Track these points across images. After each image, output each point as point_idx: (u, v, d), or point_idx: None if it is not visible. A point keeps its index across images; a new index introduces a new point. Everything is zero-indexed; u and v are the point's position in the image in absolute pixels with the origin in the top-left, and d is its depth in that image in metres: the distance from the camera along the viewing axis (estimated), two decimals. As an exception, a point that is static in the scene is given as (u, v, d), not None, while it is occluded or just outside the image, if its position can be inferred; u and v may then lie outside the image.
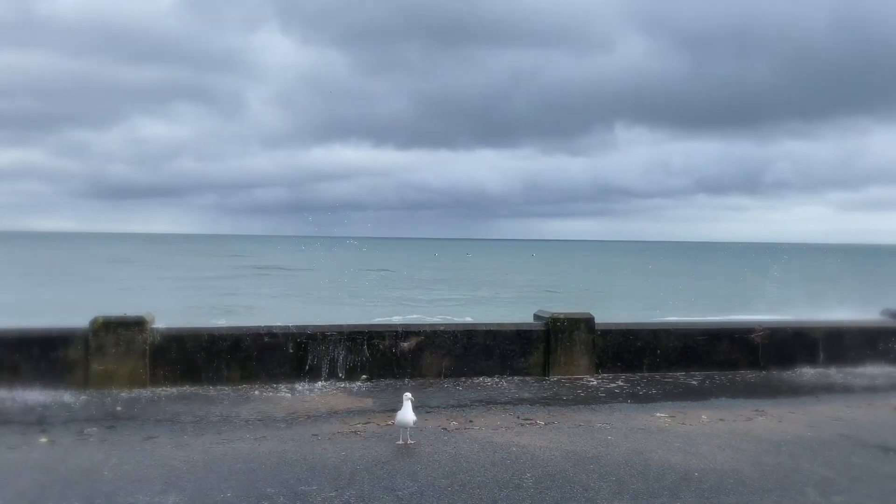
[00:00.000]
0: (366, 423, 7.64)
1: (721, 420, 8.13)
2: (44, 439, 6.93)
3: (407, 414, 6.93)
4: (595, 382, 10.15)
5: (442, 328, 10.52)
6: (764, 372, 11.14)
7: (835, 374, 11.12)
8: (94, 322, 9.15)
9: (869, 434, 7.57)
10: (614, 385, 10.05)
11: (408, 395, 7.09)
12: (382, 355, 10.06)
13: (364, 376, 9.88)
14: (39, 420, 7.61)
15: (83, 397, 8.61)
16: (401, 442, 6.95)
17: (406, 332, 10.25)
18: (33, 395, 8.56)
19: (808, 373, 11.15)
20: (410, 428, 6.99)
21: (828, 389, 10.05)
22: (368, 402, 8.66)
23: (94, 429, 7.31)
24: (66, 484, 5.73)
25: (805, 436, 7.48)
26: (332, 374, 9.81)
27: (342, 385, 9.56)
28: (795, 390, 9.98)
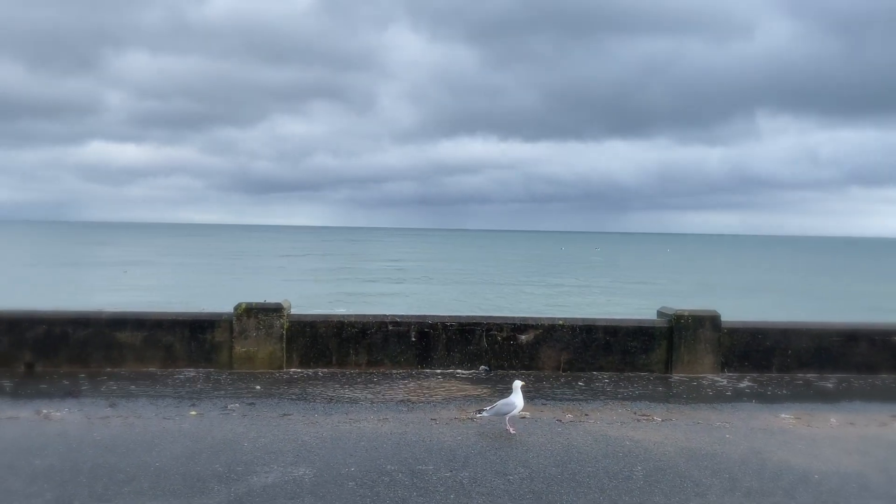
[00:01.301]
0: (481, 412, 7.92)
1: (851, 424, 7.78)
2: (193, 412, 7.70)
3: (514, 400, 7.12)
4: (719, 381, 9.93)
5: (560, 322, 10.62)
6: (907, 377, 10.48)
7: None
8: (237, 308, 9.99)
9: None
10: (739, 385, 9.79)
11: (519, 382, 7.31)
12: (500, 347, 10.33)
13: (482, 367, 10.18)
14: (190, 395, 8.45)
15: (227, 376, 9.45)
16: (508, 427, 7.16)
17: (524, 325, 10.45)
18: (185, 373, 9.51)
19: (958, 380, 10.37)
20: (517, 417, 7.18)
21: (980, 398, 9.33)
22: (485, 392, 8.94)
23: (237, 405, 8.04)
24: (211, 452, 6.39)
25: (945, 445, 7.05)
26: (451, 363, 10.19)
27: (460, 374, 9.91)
28: (941, 397, 9.34)
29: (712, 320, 10.53)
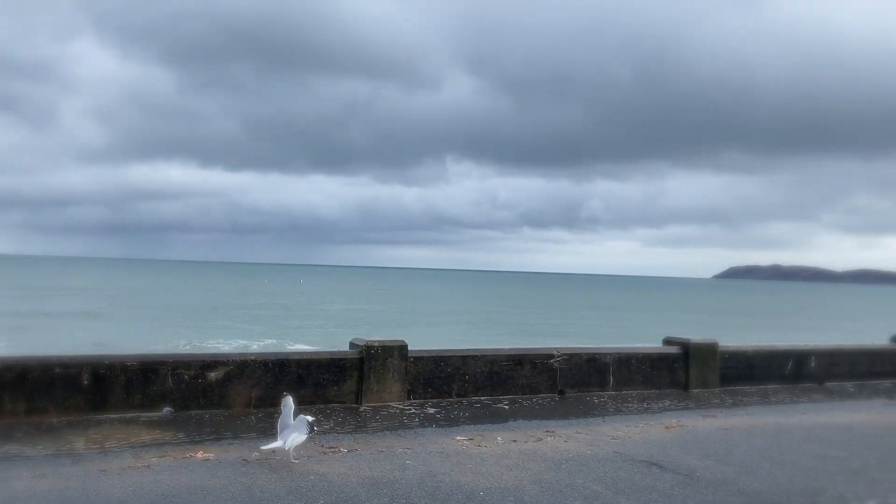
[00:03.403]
0: (161, 457, 7.40)
1: (514, 441, 8.68)
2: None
3: (298, 432, 7.38)
4: (405, 409, 10.45)
5: (252, 357, 10.40)
6: (561, 395, 12.01)
7: (622, 396, 12.21)
8: None
9: (639, 450, 8.40)
10: (422, 411, 10.40)
11: (308, 417, 7.57)
12: (188, 386, 9.78)
13: (167, 408, 9.54)
14: None
15: None
16: (291, 458, 7.41)
17: (214, 361, 10.04)
18: None
19: (599, 395, 12.16)
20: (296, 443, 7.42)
21: (613, 411, 11.00)
22: (168, 435, 8.39)
23: None
24: None
25: (585, 453, 8.17)
26: (132, 406, 9.40)
27: (144, 417, 9.18)
28: (586, 412, 10.83)
29: (400, 350, 11.08)
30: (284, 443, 7.34)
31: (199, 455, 7.54)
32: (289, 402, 7.72)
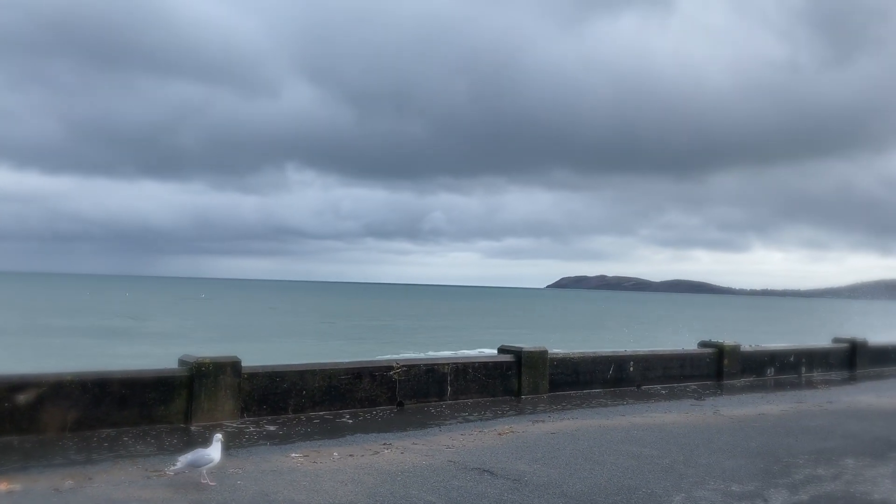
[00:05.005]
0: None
1: (350, 455, 8.65)
2: None
3: (210, 452, 7.15)
4: (238, 427, 10.11)
5: (69, 378, 9.62)
6: (400, 406, 12.11)
7: (459, 405, 12.52)
8: None
9: (472, 458, 8.66)
10: (256, 429, 10.11)
11: (218, 434, 7.40)
12: (-9, 410, 8.89)
13: (-35, 436, 8.63)
14: None
15: None
16: (206, 480, 7.13)
17: (23, 383, 9.20)
18: None
19: (437, 405, 12.39)
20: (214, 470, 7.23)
21: (450, 420, 11.26)
22: (-36, 467, 7.58)
23: None
24: None
25: (421, 464, 8.30)
26: (-79, 437, 8.41)
27: (-66, 448, 8.24)
28: (424, 423, 11.00)
29: (233, 366, 10.71)
30: (185, 464, 7.09)
31: (3, 487, 6.87)
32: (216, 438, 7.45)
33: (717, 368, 17.35)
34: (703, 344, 18.02)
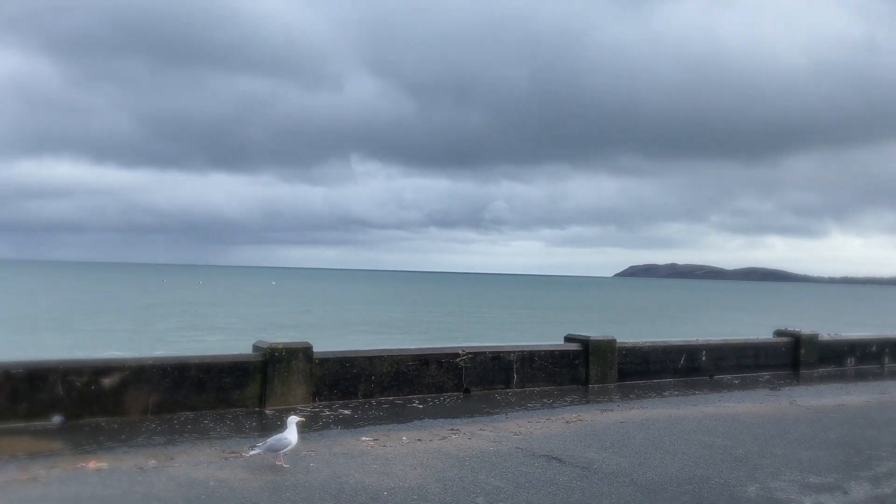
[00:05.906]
0: (49, 469, 7.06)
1: (419, 440, 8.75)
2: None
3: (287, 436, 7.28)
4: (310, 411, 10.35)
5: (150, 363, 10.04)
6: (466, 393, 12.19)
7: (525, 393, 12.51)
8: None
9: (540, 445, 8.65)
10: (328, 413, 10.33)
11: (294, 417, 7.54)
12: (80, 393, 9.36)
13: (56, 417, 9.10)
14: None
15: None
16: (281, 463, 7.33)
17: (108, 367, 9.64)
18: None
19: (503, 392, 12.41)
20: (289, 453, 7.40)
21: (517, 407, 11.26)
22: (57, 445, 8.01)
23: None
24: None
25: (488, 450, 8.33)
26: (17, 417, 8.91)
27: (33, 427, 8.73)
28: (490, 409, 11.04)
29: (305, 351, 10.96)
30: (263, 448, 7.30)
31: (92, 465, 7.24)
32: (291, 421, 7.59)
33: (794, 358, 16.81)
34: (778, 333, 17.49)
